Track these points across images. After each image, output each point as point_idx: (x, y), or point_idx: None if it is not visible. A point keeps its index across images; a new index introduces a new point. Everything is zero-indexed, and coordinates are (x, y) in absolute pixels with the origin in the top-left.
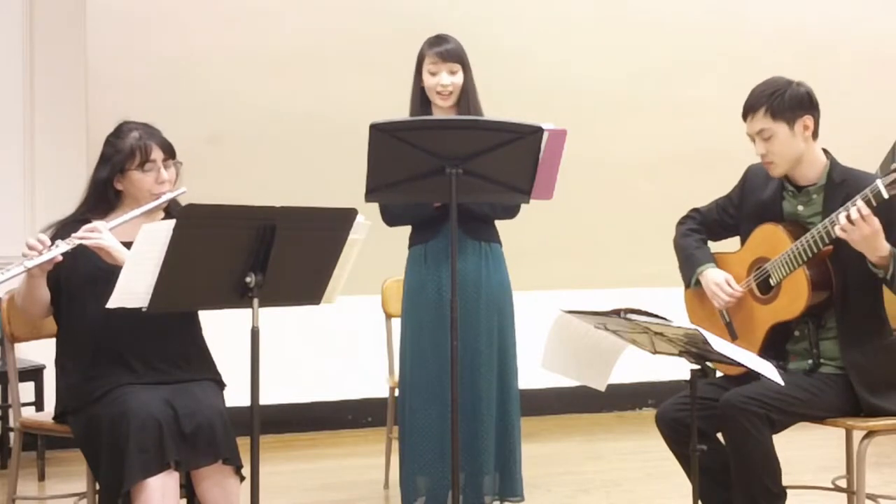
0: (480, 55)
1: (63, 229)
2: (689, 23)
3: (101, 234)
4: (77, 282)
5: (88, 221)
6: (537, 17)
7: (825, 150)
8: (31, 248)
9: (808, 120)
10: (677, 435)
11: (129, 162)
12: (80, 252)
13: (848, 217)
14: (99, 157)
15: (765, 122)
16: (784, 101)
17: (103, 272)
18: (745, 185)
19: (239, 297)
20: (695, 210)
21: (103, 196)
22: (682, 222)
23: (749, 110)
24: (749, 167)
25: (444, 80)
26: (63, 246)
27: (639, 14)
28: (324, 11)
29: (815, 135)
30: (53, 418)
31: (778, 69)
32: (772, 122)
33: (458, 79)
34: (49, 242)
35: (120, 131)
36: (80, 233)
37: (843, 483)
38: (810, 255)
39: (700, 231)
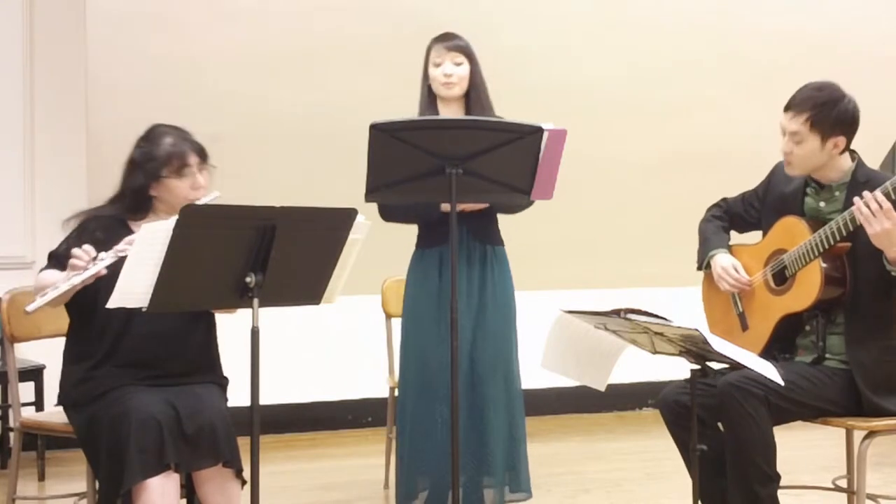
0: (480, 55)
1: (96, 222)
2: (689, 23)
3: None
4: (99, 283)
5: (126, 223)
6: (537, 17)
7: (852, 152)
8: (77, 257)
9: (840, 140)
10: (678, 417)
11: (166, 169)
12: None
13: (867, 205)
14: (129, 162)
15: (801, 128)
16: (829, 118)
17: None
18: (771, 180)
19: (239, 297)
20: (723, 199)
21: (141, 203)
22: (709, 209)
23: (793, 108)
24: (777, 163)
25: (448, 68)
26: (108, 259)
27: (639, 14)
28: (324, 11)
29: (843, 151)
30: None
31: (777, 69)
32: (807, 131)
33: (463, 70)
34: (94, 253)
35: (152, 135)
36: (121, 245)
37: (843, 483)
38: (827, 246)
39: (723, 219)
